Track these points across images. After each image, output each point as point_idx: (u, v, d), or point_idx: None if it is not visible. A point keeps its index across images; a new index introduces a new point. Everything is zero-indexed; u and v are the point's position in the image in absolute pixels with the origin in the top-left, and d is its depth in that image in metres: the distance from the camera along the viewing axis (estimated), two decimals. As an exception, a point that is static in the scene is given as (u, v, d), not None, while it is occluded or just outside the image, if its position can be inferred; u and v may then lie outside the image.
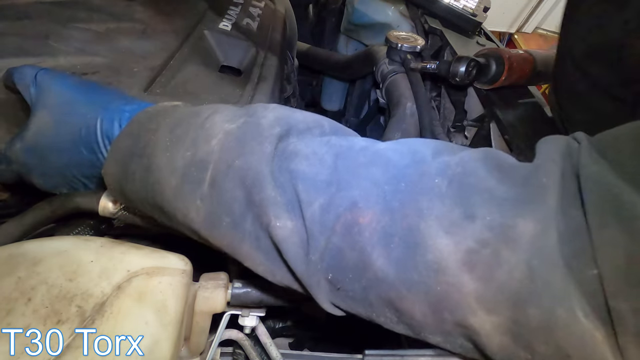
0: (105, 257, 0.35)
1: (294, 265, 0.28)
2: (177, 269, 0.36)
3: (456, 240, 0.24)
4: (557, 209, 0.23)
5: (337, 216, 0.27)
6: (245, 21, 0.79)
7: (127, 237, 0.46)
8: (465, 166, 0.26)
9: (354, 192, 0.27)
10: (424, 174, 0.27)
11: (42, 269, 0.33)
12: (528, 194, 0.24)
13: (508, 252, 0.23)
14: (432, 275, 0.24)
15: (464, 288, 0.24)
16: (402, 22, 1.10)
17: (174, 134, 0.33)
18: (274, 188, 0.28)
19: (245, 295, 0.41)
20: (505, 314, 0.23)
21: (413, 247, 0.25)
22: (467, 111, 0.87)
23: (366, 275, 0.27)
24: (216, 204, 0.30)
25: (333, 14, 1.35)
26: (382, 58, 0.92)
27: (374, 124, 1.26)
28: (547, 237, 0.23)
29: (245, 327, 0.44)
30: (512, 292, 0.23)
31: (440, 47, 0.99)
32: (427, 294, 0.25)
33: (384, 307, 0.28)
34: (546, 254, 0.22)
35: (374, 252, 0.26)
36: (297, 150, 0.30)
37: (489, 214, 0.24)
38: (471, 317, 0.24)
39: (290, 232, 0.28)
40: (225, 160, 0.30)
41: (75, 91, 0.40)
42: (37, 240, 0.36)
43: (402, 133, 0.75)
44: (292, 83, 0.95)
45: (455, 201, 0.25)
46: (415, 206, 0.26)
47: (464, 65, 0.74)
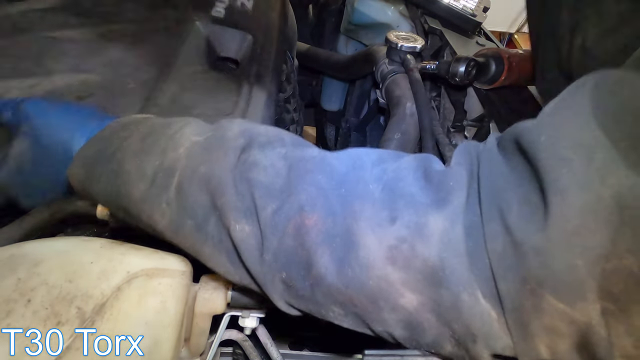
0: (105, 258, 0.35)
1: (249, 265, 0.31)
2: (177, 270, 0.36)
3: (380, 239, 0.28)
4: (462, 207, 0.27)
5: (288, 219, 0.30)
6: (239, 1, 0.76)
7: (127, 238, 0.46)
8: (399, 173, 0.30)
9: (302, 197, 0.30)
10: (360, 180, 0.30)
11: (42, 270, 0.33)
12: (439, 196, 0.28)
13: (422, 246, 0.27)
14: (364, 271, 0.28)
15: (390, 278, 0.27)
16: (402, 22, 1.10)
17: (145, 143, 0.36)
18: (235, 194, 0.31)
19: (245, 297, 0.41)
20: (426, 293, 0.27)
21: (349, 246, 0.28)
22: (467, 111, 0.87)
23: (312, 272, 0.29)
24: (181, 208, 0.33)
25: (333, 14, 1.35)
26: (381, 58, 0.92)
27: (374, 124, 1.26)
28: (454, 232, 0.26)
29: (245, 328, 0.44)
30: (428, 276, 0.26)
31: (440, 47, 0.99)
32: (362, 289, 0.28)
33: (329, 304, 0.30)
34: (453, 246, 0.26)
35: (318, 250, 0.29)
36: (256, 161, 0.33)
37: (407, 216, 0.28)
38: (401, 299, 0.27)
39: (247, 235, 0.31)
40: (191, 166, 0.33)
41: (52, 115, 0.43)
42: (37, 241, 0.36)
43: (402, 133, 0.75)
44: (292, 83, 0.95)
45: (384, 205, 0.29)
46: (351, 209, 0.29)
47: (463, 65, 0.74)
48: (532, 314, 0.24)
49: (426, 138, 0.73)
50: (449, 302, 0.26)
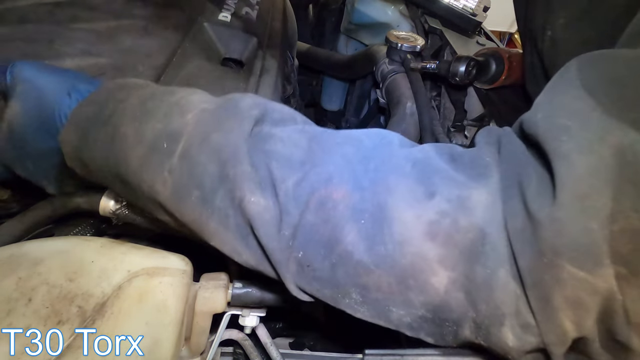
0: (105, 257, 0.35)
1: (265, 242, 0.28)
2: (177, 269, 0.36)
3: (419, 214, 0.26)
4: (499, 182, 0.27)
5: (312, 191, 0.28)
6: (244, 10, 0.78)
7: (128, 237, 0.46)
8: (427, 154, 0.30)
9: (329, 168, 0.29)
10: (392, 155, 0.29)
11: (42, 270, 0.33)
12: (477, 172, 0.28)
13: (465, 219, 0.26)
14: (398, 248, 0.26)
15: (428, 256, 0.26)
16: (402, 22, 1.10)
17: (145, 106, 0.33)
18: (250, 165, 0.29)
19: (245, 296, 0.41)
20: (460, 269, 0.26)
21: (381, 222, 0.27)
22: (467, 111, 0.87)
23: (337, 250, 0.28)
24: (186, 177, 0.30)
25: (333, 14, 1.35)
26: (382, 58, 0.92)
27: (374, 124, 1.25)
28: (495, 208, 0.26)
29: (245, 327, 0.44)
30: (466, 250, 0.26)
31: (440, 46, 0.99)
32: (393, 268, 0.27)
33: (350, 286, 0.28)
34: (496, 222, 0.25)
35: (345, 226, 0.27)
36: (272, 133, 0.31)
37: (447, 190, 0.27)
38: (432, 278, 0.26)
39: (263, 209, 0.28)
40: (200, 133, 0.30)
41: (43, 78, 0.40)
42: (38, 241, 0.36)
43: (402, 133, 0.74)
44: (292, 83, 0.95)
45: (418, 181, 0.28)
46: (383, 184, 0.28)
47: (463, 65, 0.74)
48: (554, 287, 0.23)
49: (426, 138, 0.73)
50: (481, 279, 0.25)
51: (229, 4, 0.78)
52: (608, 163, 0.22)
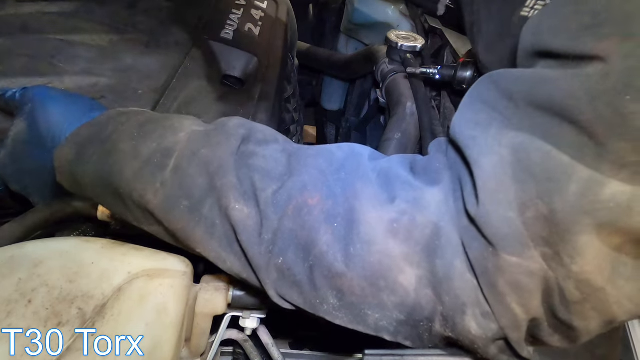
0: (106, 258, 0.35)
1: (247, 246, 0.31)
2: (178, 271, 0.36)
3: (382, 214, 0.29)
4: (449, 184, 0.30)
5: (289, 199, 0.31)
6: (247, 26, 0.79)
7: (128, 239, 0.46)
8: (390, 165, 0.33)
9: (304, 177, 0.32)
10: (360, 165, 0.33)
11: (42, 271, 0.33)
12: (430, 177, 0.31)
13: (421, 216, 0.29)
14: (366, 247, 0.29)
15: (392, 252, 0.29)
16: (402, 22, 1.10)
17: (143, 128, 0.36)
18: (236, 177, 0.32)
19: (246, 297, 0.41)
20: (425, 266, 0.28)
21: (351, 224, 0.30)
22: (467, 111, 0.86)
23: (313, 252, 0.30)
24: (176, 188, 0.32)
25: (333, 14, 1.35)
26: (382, 58, 0.92)
27: (374, 124, 1.25)
28: (448, 205, 0.29)
29: (246, 328, 0.44)
30: (425, 247, 0.28)
31: (440, 46, 0.98)
32: (363, 267, 0.29)
33: (327, 289, 0.30)
34: (448, 217, 0.29)
35: (321, 229, 0.30)
36: (256, 151, 0.34)
37: (405, 194, 0.30)
38: (400, 276, 0.29)
39: (246, 217, 0.31)
40: (191, 148, 0.33)
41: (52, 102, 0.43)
42: (38, 242, 0.36)
43: (402, 133, 0.75)
44: (292, 83, 0.95)
45: (382, 188, 0.31)
46: (352, 189, 0.31)
47: (470, 71, 0.73)
48: (496, 274, 0.26)
49: (426, 138, 0.73)
50: (442, 272, 0.28)
51: (232, 19, 0.78)
52: (508, 160, 0.26)
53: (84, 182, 0.37)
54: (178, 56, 0.64)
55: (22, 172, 0.44)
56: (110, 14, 0.65)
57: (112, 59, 0.58)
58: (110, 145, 0.35)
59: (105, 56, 0.58)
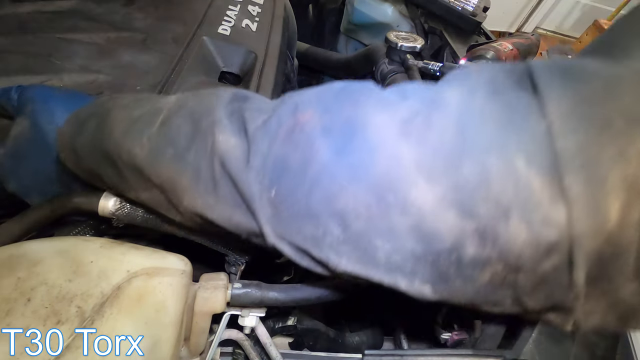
0: (105, 257, 0.35)
1: (235, 176, 0.29)
2: (176, 270, 0.36)
3: (391, 115, 0.26)
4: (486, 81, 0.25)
5: (279, 124, 0.28)
6: (244, 22, 0.79)
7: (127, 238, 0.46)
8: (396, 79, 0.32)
9: (296, 99, 0.30)
10: (363, 86, 0.29)
11: (41, 270, 0.33)
12: (447, 78, 0.27)
13: (438, 115, 0.24)
14: (372, 153, 0.25)
15: (403, 159, 0.24)
16: (402, 22, 1.10)
17: (137, 100, 0.37)
18: (225, 116, 0.31)
19: (245, 296, 0.41)
20: (444, 182, 0.23)
21: (353, 131, 0.26)
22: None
23: (309, 172, 0.26)
24: (162, 139, 0.32)
25: (333, 14, 1.35)
26: (381, 58, 0.92)
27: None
28: (474, 98, 0.24)
29: (245, 327, 0.44)
30: (446, 155, 0.23)
31: (440, 46, 0.99)
32: (367, 177, 0.25)
33: (328, 216, 0.26)
34: (474, 111, 0.24)
35: (315, 143, 0.27)
36: (247, 99, 0.33)
37: (420, 93, 0.27)
38: (414, 191, 0.24)
39: (233, 147, 0.29)
40: (179, 104, 0.34)
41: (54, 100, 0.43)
42: (37, 241, 0.36)
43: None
44: (292, 83, 0.95)
45: (391, 91, 0.28)
46: (352, 100, 0.28)
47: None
48: (614, 163, 0.20)
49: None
50: (473, 178, 0.22)
51: (229, 15, 0.78)
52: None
53: (83, 154, 0.37)
54: (175, 53, 0.64)
55: (24, 171, 0.44)
56: (107, 12, 0.65)
57: (110, 56, 0.59)
58: (105, 114, 0.36)
59: (103, 53, 0.58)
